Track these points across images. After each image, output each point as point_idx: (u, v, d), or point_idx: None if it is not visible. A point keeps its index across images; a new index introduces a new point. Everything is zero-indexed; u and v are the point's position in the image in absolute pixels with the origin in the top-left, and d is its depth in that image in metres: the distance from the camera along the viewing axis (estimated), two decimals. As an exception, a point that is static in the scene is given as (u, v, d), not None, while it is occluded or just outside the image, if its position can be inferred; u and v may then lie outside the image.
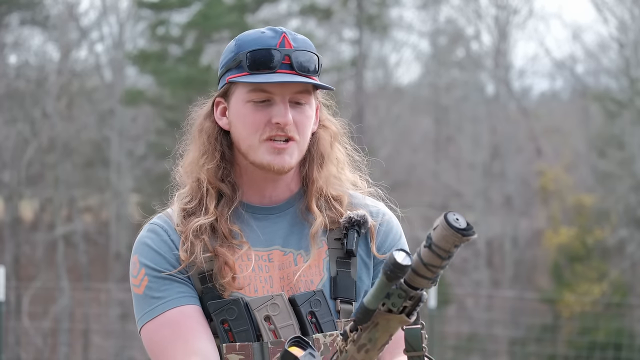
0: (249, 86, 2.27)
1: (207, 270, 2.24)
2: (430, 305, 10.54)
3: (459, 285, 19.08)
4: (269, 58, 2.26)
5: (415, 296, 1.89)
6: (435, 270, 1.85)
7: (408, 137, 21.34)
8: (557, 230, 18.81)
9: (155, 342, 2.24)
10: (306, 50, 2.29)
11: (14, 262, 18.19)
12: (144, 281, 2.26)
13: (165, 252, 2.26)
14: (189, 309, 2.22)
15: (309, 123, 2.30)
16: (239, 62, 2.28)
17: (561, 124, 22.31)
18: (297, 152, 2.28)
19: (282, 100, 2.26)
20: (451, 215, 1.84)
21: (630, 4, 18.73)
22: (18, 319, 17.05)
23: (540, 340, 15.20)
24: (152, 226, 2.31)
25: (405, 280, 1.87)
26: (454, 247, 1.84)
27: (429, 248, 1.84)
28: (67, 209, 19.19)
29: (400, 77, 24.41)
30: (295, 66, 2.27)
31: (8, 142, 18.26)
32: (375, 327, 1.93)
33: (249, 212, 2.32)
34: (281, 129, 2.25)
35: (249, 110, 2.27)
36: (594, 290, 17.34)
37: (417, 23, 21.60)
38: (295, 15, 19.28)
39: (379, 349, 1.95)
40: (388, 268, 1.85)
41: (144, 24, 19.14)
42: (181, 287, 2.24)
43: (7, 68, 19.32)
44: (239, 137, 2.29)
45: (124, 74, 19.84)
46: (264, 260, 2.28)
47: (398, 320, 1.91)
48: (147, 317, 2.25)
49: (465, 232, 1.83)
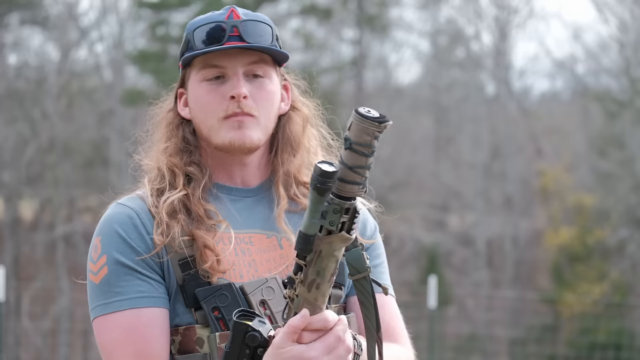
0: (199, 64, 2.18)
1: (188, 256, 2.10)
2: (431, 306, 10.52)
3: (459, 285, 19.08)
4: (215, 31, 2.16)
5: (350, 207, 1.84)
6: (362, 172, 1.81)
7: (408, 137, 21.33)
8: (557, 231, 18.82)
9: (105, 340, 2.10)
10: (256, 21, 2.18)
11: (14, 262, 18.18)
12: (102, 270, 2.11)
13: (134, 238, 2.12)
14: (146, 314, 2.09)
15: (269, 98, 2.19)
16: (188, 42, 2.20)
17: (561, 124, 22.30)
18: (258, 128, 2.17)
19: (235, 73, 2.16)
20: (361, 109, 1.80)
21: (631, 4, 18.73)
22: (18, 319, 17.05)
23: (541, 340, 15.19)
24: (122, 207, 2.17)
25: (336, 193, 1.82)
26: (373, 139, 1.80)
27: (350, 149, 1.80)
28: (67, 209, 19.18)
29: (400, 77, 24.41)
30: (244, 37, 2.16)
31: (8, 142, 18.25)
32: (319, 257, 1.87)
33: (224, 193, 2.21)
34: (237, 105, 2.14)
35: (204, 91, 2.17)
36: (594, 291, 17.33)
37: (417, 23, 21.61)
38: (295, 15, 19.27)
39: (329, 281, 1.89)
40: (316, 180, 1.81)
41: (144, 24, 19.14)
42: (142, 286, 2.09)
43: (7, 68, 19.32)
44: (199, 121, 2.19)
45: (123, 74, 19.83)
46: (245, 243, 2.17)
47: (340, 239, 1.85)
48: (100, 310, 2.10)
49: (381, 119, 1.80)
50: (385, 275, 2.31)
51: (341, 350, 1.92)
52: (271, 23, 2.21)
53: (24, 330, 17.36)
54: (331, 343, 1.91)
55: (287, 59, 2.24)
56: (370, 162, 1.81)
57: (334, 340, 1.91)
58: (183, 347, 2.12)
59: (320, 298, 1.90)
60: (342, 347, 1.92)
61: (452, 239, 20.12)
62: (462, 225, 21.21)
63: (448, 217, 21.55)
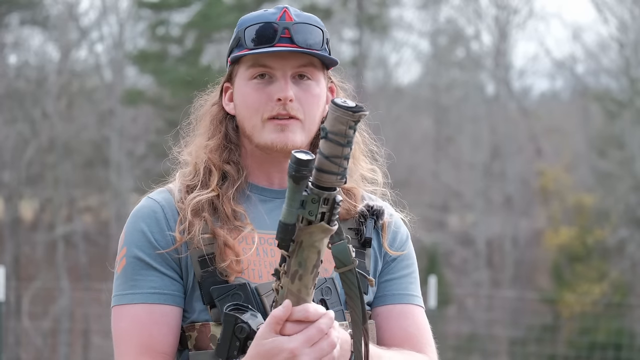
0: (248, 62, 2.19)
1: (207, 254, 2.12)
2: (431, 306, 10.52)
3: (459, 285, 19.08)
4: (267, 32, 2.16)
5: (329, 198, 1.84)
6: (338, 162, 1.82)
7: (408, 137, 21.33)
8: (557, 230, 18.82)
9: (117, 327, 2.14)
10: (308, 23, 2.19)
11: (14, 262, 18.18)
12: (122, 262, 2.16)
13: (155, 232, 2.15)
14: (156, 310, 2.12)
15: (315, 101, 2.20)
16: (239, 39, 2.20)
17: (561, 124, 22.30)
18: (301, 131, 2.18)
19: (283, 75, 2.16)
20: (337, 99, 1.81)
21: (630, 4, 18.73)
22: (18, 319, 17.05)
23: (541, 340, 15.20)
24: (149, 201, 2.20)
25: (314, 183, 1.83)
26: (349, 128, 1.80)
27: (325, 139, 1.81)
28: (67, 209, 19.18)
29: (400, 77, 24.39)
30: (295, 39, 2.16)
31: (8, 142, 18.25)
32: (300, 248, 1.87)
33: (256, 194, 2.22)
34: (283, 107, 2.15)
35: (251, 89, 2.18)
36: (594, 291, 17.34)
37: (417, 23, 21.60)
38: (295, 15, 19.27)
39: (311, 272, 1.89)
40: (291, 168, 1.82)
41: (144, 24, 19.14)
42: (156, 282, 2.13)
43: (7, 68, 19.32)
44: (243, 118, 2.20)
45: (124, 74, 19.83)
46: (269, 244, 2.16)
47: (320, 229, 1.86)
48: (116, 300, 2.15)
49: (356, 109, 1.80)
50: (414, 285, 2.29)
51: (324, 344, 1.91)
52: (322, 26, 2.22)
53: (24, 330, 17.37)
54: (313, 335, 1.90)
55: (336, 64, 2.25)
56: (347, 152, 1.82)
57: (315, 333, 1.90)
58: (199, 343, 2.14)
59: (303, 290, 1.89)
60: (325, 340, 1.91)
61: (452, 239, 20.13)
62: (462, 225, 21.22)
63: (448, 217, 21.55)
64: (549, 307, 17.99)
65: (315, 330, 1.90)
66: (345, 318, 2.14)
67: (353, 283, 1.99)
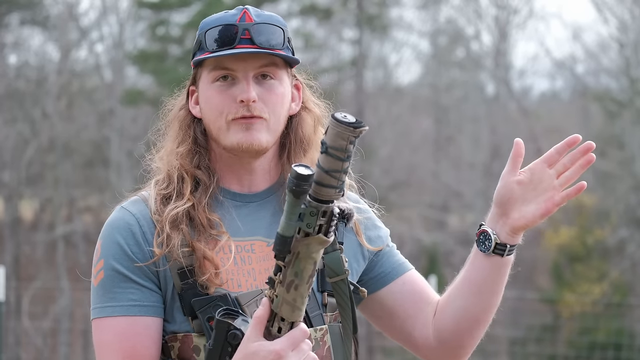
0: (210, 65, 2.19)
1: (186, 266, 2.12)
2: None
3: (459, 285, 19.06)
4: (227, 34, 2.17)
5: (327, 211, 1.86)
6: (338, 176, 1.83)
7: (408, 137, 21.34)
8: (557, 231, 18.81)
9: (99, 340, 2.14)
10: (268, 23, 2.19)
11: (14, 262, 18.19)
12: (100, 274, 2.14)
13: (131, 245, 2.14)
14: (137, 322, 2.12)
15: (279, 100, 2.20)
16: (200, 42, 2.21)
17: (561, 124, 22.30)
18: (267, 131, 2.18)
19: (245, 76, 2.17)
20: (338, 114, 1.82)
21: (630, 4, 18.73)
22: (18, 319, 17.05)
23: (541, 340, 15.19)
24: (124, 213, 2.18)
25: (313, 196, 1.84)
26: (349, 143, 1.81)
27: (325, 153, 1.83)
28: (67, 209, 19.19)
29: (400, 77, 24.42)
30: (256, 40, 2.16)
31: (8, 142, 18.26)
32: (297, 259, 1.89)
33: (229, 199, 2.21)
34: (246, 108, 2.16)
35: (214, 92, 2.18)
36: (594, 291, 17.33)
37: (417, 23, 21.61)
38: (295, 15, 19.27)
39: (307, 282, 1.91)
40: (292, 183, 1.83)
41: (144, 24, 19.14)
42: (135, 294, 2.13)
43: (7, 68, 19.33)
44: (209, 121, 2.20)
45: (124, 74, 19.84)
46: (246, 251, 2.18)
47: (317, 241, 1.87)
48: (96, 312, 2.14)
49: (356, 124, 1.81)
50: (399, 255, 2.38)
51: (308, 347, 1.95)
52: (283, 25, 2.21)
53: (24, 330, 17.37)
54: (297, 337, 1.93)
55: (297, 63, 2.25)
56: (346, 166, 1.83)
57: (300, 335, 1.93)
58: (182, 353, 2.15)
59: (299, 299, 1.92)
60: (309, 343, 1.95)
61: (452, 239, 20.13)
62: (462, 225, 21.21)
63: (448, 217, 21.55)
64: (549, 307, 17.98)
65: (300, 332, 1.94)
66: (325, 322, 2.17)
67: (345, 292, 2.05)
